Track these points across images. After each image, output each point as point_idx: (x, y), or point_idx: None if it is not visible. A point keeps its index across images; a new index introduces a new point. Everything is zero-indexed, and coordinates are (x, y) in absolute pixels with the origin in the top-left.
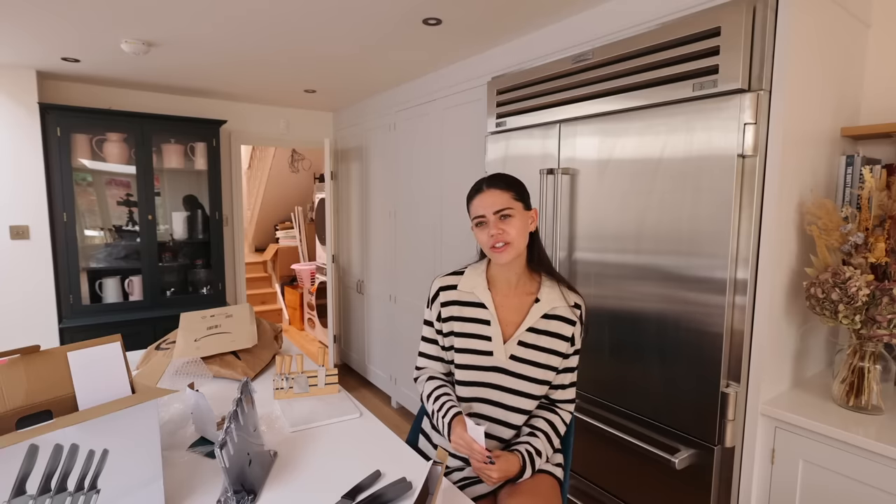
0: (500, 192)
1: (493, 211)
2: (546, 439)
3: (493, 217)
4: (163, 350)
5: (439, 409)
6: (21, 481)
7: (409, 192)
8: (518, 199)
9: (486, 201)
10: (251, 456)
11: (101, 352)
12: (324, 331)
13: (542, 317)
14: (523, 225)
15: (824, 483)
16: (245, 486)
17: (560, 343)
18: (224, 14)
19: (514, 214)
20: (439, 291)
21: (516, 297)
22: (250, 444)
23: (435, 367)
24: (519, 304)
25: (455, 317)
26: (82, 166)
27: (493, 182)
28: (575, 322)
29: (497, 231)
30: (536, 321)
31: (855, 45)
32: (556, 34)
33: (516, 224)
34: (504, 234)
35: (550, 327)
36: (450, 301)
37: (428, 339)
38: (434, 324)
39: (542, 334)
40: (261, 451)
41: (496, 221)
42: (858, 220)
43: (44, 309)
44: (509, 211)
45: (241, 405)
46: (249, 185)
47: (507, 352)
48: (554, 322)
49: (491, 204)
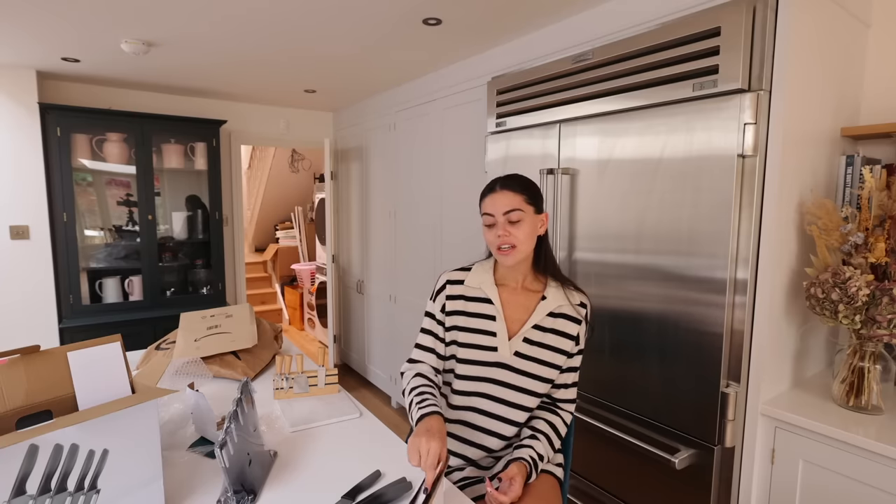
0: (513, 195)
1: (502, 212)
2: (547, 441)
3: (502, 218)
4: (163, 350)
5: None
6: (21, 481)
7: (409, 192)
8: (530, 202)
9: (497, 202)
10: (251, 456)
11: (101, 352)
12: (324, 331)
13: (548, 315)
14: (532, 228)
15: (824, 483)
16: (245, 486)
17: (565, 342)
18: (224, 13)
19: (524, 218)
20: (446, 284)
21: (523, 295)
22: (250, 444)
23: (429, 362)
24: (525, 302)
25: (460, 311)
26: (82, 166)
27: (507, 183)
28: (580, 321)
29: (504, 233)
30: (542, 319)
31: (855, 45)
32: (556, 34)
33: (524, 227)
34: (510, 236)
35: (556, 325)
36: (456, 295)
37: (427, 330)
38: (436, 315)
39: (548, 332)
40: (261, 451)
41: (504, 223)
42: (858, 220)
43: (44, 309)
44: (518, 214)
45: (241, 405)
46: (249, 185)
47: (511, 348)
48: (560, 320)
49: (501, 205)
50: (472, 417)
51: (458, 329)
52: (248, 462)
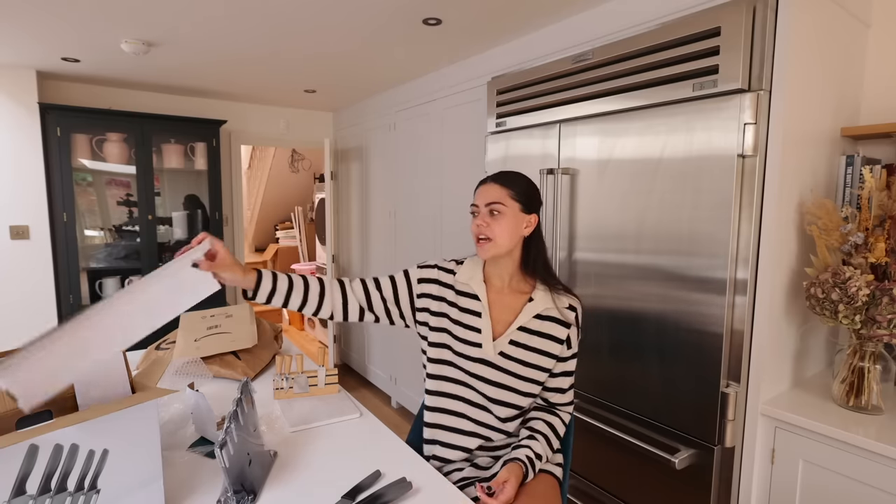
0: (500, 188)
1: (484, 203)
2: (545, 441)
3: (485, 209)
4: (163, 350)
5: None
6: (21, 481)
7: (409, 193)
8: (516, 198)
9: (483, 193)
10: (251, 456)
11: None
12: (324, 331)
13: (535, 317)
14: (513, 225)
15: (824, 483)
16: (245, 486)
17: (553, 345)
18: (224, 13)
19: (504, 212)
20: (437, 268)
21: (510, 295)
22: (250, 444)
23: (358, 292)
24: (512, 303)
25: (451, 301)
26: (82, 166)
27: (497, 177)
28: (570, 324)
29: (482, 223)
30: (528, 321)
31: (855, 45)
32: (556, 34)
33: (502, 222)
34: (487, 227)
35: (543, 328)
36: (447, 283)
37: (392, 278)
38: (411, 279)
39: (535, 335)
40: (261, 451)
41: (485, 214)
42: (858, 220)
43: (44, 309)
44: (499, 207)
45: (241, 405)
46: (249, 185)
47: (496, 348)
48: (547, 323)
49: (486, 196)
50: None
51: (450, 320)
52: (248, 462)
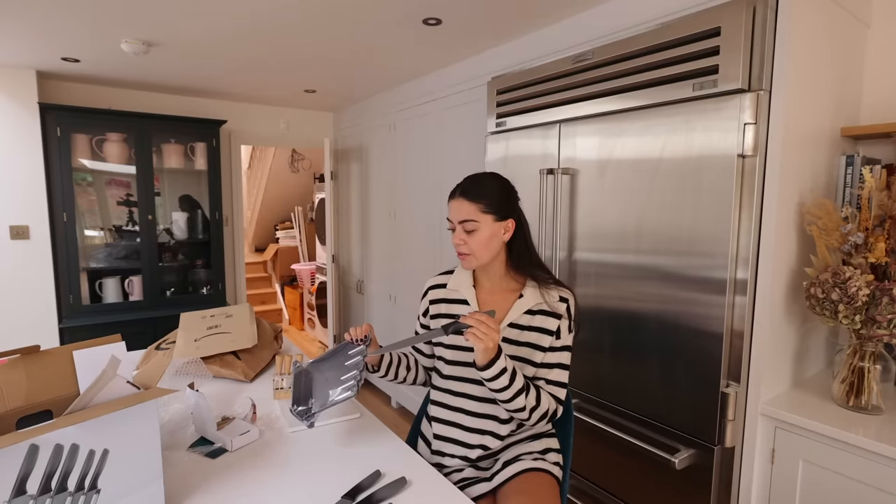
0: (469, 204)
1: (457, 220)
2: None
3: (459, 227)
4: (163, 350)
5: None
6: (21, 481)
7: (410, 192)
8: (488, 210)
9: (454, 209)
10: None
11: (106, 351)
12: (324, 331)
13: (526, 313)
14: (488, 237)
15: (824, 483)
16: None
17: (543, 337)
18: (224, 12)
19: (479, 227)
20: (429, 290)
21: (500, 296)
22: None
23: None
24: (502, 302)
25: (443, 314)
26: (82, 166)
27: (466, 191)
28: (561, 316)
29: (459, 241)
30: (519, 317)
31: (855, 45)
32: (556, 34)
33: (478, 237)
34: (465, 245)
35: (534, 322)
36: (438, 299)
37: (416, 332)
38: (420, 318)
39: (526, 330)
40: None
41: (461, 231)
42: (858, 220)
43: (44, 309)
44: (473, 225)
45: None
46: (249, 185)
47: None
48: (538, 317)
49: (457, 213)
50: (459, 418)
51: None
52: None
